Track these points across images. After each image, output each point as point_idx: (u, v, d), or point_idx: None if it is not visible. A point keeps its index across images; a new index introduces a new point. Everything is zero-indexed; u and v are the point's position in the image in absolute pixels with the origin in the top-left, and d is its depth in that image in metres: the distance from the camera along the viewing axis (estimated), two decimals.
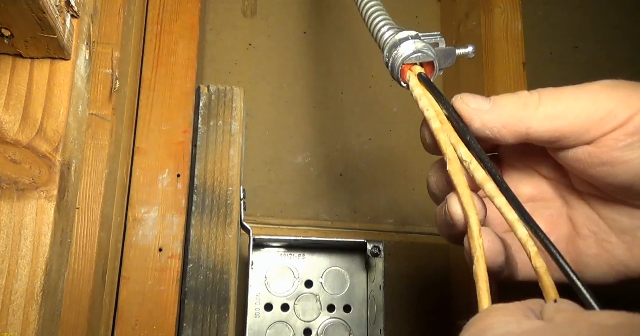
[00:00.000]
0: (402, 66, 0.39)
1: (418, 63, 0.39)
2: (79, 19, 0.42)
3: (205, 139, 0.63)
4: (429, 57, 0.38)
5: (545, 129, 0.34)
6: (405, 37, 0.39)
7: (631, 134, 0.33)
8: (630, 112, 0.33)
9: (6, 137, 0.39)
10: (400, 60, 0.39)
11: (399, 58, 0.39)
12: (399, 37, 0.39)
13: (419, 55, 0.38)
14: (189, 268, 0.58)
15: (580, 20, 1.01)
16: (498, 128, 0.35)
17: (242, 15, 0.91)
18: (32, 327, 0.37)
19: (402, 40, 0.39)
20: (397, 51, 0.39)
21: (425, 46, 0.38)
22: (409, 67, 0.39)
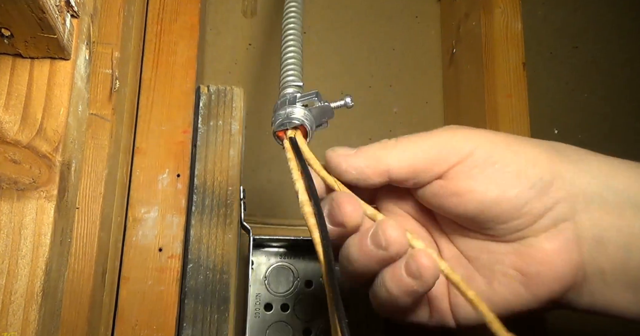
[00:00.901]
0: (276, 132, 0.44)
1: (290, 128, 0.44)
2: (79, 19, 0.42)
3: (205, 139, 0.63)
4: (298, 122, 0.43)
5: (401, 165, 0.38)
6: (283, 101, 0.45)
7: (473, 167, 0.38)
8: (471, 147, 0.39)
9: (6, 137, 0.39)
10: (274, 127, 0.44)
11: (274, 125, 0.44)
12: (280, 102, 0.45)
13: (287, 122, 0.43)
14: (189, 268, 0.58)
15: (580, 20, 1.01)
16: (362, 168, 0.39)
17: (242, 15, 0.91)
18: (32, 327, 0.37)
19: (281, 105, 0.44)
20: (274, 117, 0.44)
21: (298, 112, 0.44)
22: (284, 132, 0.44)
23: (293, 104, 0.44)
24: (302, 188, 0.41)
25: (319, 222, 0.38)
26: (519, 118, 0.77)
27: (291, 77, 0.48)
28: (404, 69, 0.93)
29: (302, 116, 0.44)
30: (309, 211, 0.39)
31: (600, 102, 0.98)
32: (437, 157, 0.39)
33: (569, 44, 1.00)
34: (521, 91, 0.78)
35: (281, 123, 0.44)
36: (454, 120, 0.88)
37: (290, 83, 0.47)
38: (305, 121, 0.44)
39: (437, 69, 0.94)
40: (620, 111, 0.98)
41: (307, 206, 0.40)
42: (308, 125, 0.44)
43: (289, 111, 0.44)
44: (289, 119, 0.44)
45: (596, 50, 1.00)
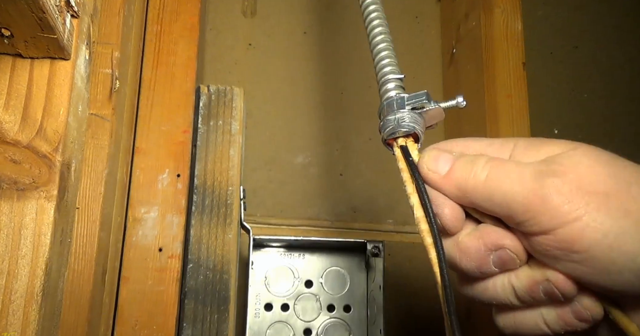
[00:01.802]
0: (386, 140, 0.41)
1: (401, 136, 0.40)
2: (79, 19, 0.42)
3: (205, 139, 0.63)
4: (410, 129, 0.40)
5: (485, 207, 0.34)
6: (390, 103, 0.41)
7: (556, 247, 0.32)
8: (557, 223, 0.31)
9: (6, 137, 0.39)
10: (384, 135, 0.41)
11: (383, 132, 0.41)
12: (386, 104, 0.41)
13: (401, 130, 0.40)
14: (189, 268, 0.58)
15: (580, 20, 1.01)
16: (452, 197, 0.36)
17: (242, 15, 0.91)
18: (32, 327, 0.37)
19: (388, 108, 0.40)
20: (383, 123, 0.41)
21: (408, 117, 0.40)
22: (394, 140, 0.41)
23: (402, 107, 0.40)
24: (418, 203, 0.37)
25: (435, 241, 0.35)
26: (519, 118, 0.77)
27: (389, 68, 0.43)
28: (404, 69, 0.93)
29: (414, 122, 0.40)
30: (425, 228, 0.36)
31: (600, 102, 0.98)
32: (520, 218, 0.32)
33: (569, 44, 1.00)
34: (521, 91, 0.78)
35: (392, 130, 0.40)
36: (454, 120, 0.88)
37: (389, 76, 0.43)
38: (416, 127, 0.40)
39: (437, 69, 0.94)
40: (620, 111, 0.98)
41: (423, 223, 0.36)
42: (420, 131, 0.40)
43: (399, 116, 0.40)
44: (400, 127, 0.40)
45: (596, 50, 1.00)
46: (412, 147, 0.40)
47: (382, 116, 0.41)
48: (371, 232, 0.85)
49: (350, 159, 0.88)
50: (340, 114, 0.89)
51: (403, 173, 0.39)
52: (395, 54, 0.45)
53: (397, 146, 0.40)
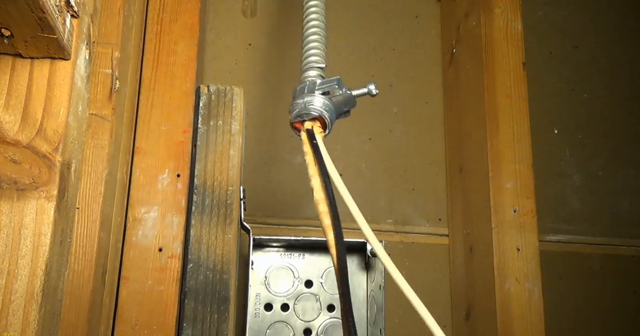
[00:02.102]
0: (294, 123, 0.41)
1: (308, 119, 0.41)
2: (79, 19, 0.42)
3: (205, 139, 0.63)
4: (316, 113, 0.40)
5: None
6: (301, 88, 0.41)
7: None
8: None
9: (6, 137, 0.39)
10: (290, 117, 0.41)
11: (290, 114, 0.41)
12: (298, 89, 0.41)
13: (306, 113, 0.40)
14: (189, 268, 0.58)
15: (580, 20, 1.01)
16: None
17: (242, 15, 0.91)
18: (32, 327, 0.37)
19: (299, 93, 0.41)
20: (292, 106, 0.41)
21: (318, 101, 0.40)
22: (301, 123, 0.41)
23: (312, 92, 0.41)
24: (318, 185, 0.38)
25: (333, 223, 0.36)
26: (519, 118, 0.78)
27: (314, 58, 0.43)
28: (404, 69, 0.93)
29: (321, 106, 0.40)
30: (324, 210, 0.37)
31: (600, 102, 0.98)
32: None
33: (569, 44, 1.00)
34: (521, 91, 0.78)
35: (299, 113, 0.41)
36: (454, 120, 0.88)
37: (312, 64, 0.43)
38: (324, 111, 0.40)
39: (437, 69, 0.94)
40: (620, 111, 0.98)
41: (322, 204, 0.37)
42: (327, 116, 0.41)
43: (307, 99, 0.40)
44: (307, 110, 0.40)
45: (596, 50, 1.00)
46: (317, 130, 0.40)
47: (293, 99, 0.42)
48: None
49: (349, 159, 0.88)
50: None
51: (307, 156, 0.40)
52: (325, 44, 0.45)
53: (303, 129, 0.41)
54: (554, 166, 0.94)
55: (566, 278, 0.89)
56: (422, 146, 0.90)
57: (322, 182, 0.37)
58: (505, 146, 0.76)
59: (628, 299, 0.90)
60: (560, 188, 0.93)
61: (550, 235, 0.90)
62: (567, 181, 0.94)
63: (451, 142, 0.89)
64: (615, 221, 0.93)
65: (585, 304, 0.88)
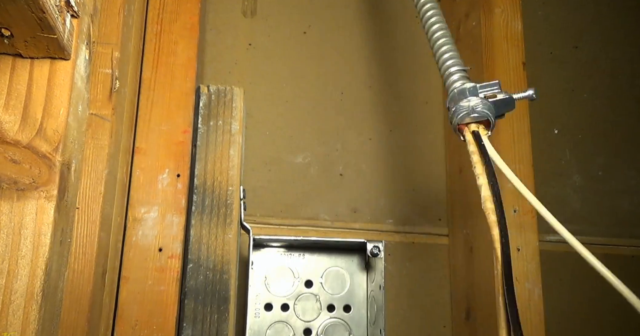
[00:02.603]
0: (459, 124, 0.43)
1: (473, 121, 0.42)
2: (79, 19, 0.42)
3: (205, 139, 0.63)
4: (482, 116, 0.42)
5: None
6: (462, 91, 0.42)
7: None
8: None
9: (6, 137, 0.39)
10: (456, 120, 0.42)
11: (455, 117, 0.42)
12: (458, 91, 0.42)
13: (474, 115, 0.42)
14: (189, 268, 0.58)
15: (580, 20, 1.01)
16: None
17: (242, 15, 0.91)
18: (32, 327, 0.37)
19: (460, 95, 0.42)
20: (455, 109, 0.42)
21: (481, 104, 0.41)
22: (466, 125, 0.43)
23: (475, 95, 0.42)
24: (486, 184, 0.40)
25: (499, 220, 0.37)
26: (519, 118, 0.78)
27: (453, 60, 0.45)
28: (404, 69, 0.93)
29: (487, 109, 0.42)
30: (491, 207, 0.39)
31: (600, 102, 0.98)
32: None
33: (569, 44, 1.00)
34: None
35: (465, 116, 0.42)
36: None
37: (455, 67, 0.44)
38: (489, 114, 0.42)
39: (437, 69, 0.94)
40: (620, 111, 0.98)
41: (489, 202, 0.39)
42: (492, 119, 0.42)
43: (473, 103, 0.42)
44: (474, 113, 0.42)
45: (596, 50, 1.00)
46: (482, 132, 0.42)
47: (454, 102, 0.43)
48: (371, 232, 0.85)
49: (350, 159, 0.88)
50: (340, 114, 0.89)
51: (473, 156, 0.41)
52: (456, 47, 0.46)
53: (468, 131, 0.42)
54: (554, 166, 0.94)
55: (566, 278, 0.89)
56: (422, 146, 0.90)
57: (489, 181, 0.40)
58: (505, 146, 0.76)
59: None
60: (560, 188, 0.93)
61: (550, 235, 0.90)
62: (567, 181, 0.94)
63: (451, 143, 0.89)
64: (615, 221, 0.93)
65: (585, 304, 0.88)
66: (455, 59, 0.45)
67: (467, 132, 0.42)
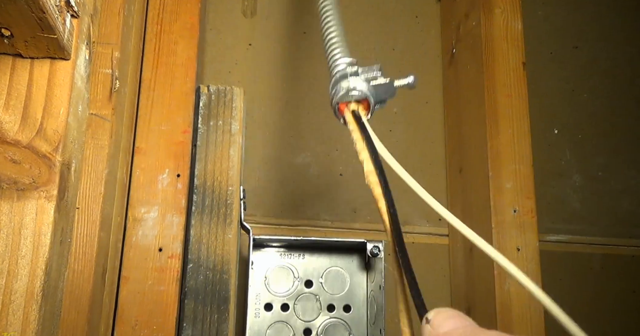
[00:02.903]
0: (339, 103, 0.42)
1: (353, 100, 0.42)
2: (79, 19, 0.42)
3: (205, 139, 0.63)
4: (362, 95, 0.41)
5: None
6: (344, 74, 0.42)
7: None
8: None
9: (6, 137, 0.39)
10: (336, 98, 0.42)
11: (335, 97, 0.42)
12: (340, 74, 0.42)
13: (354, 93, 0.41)
14: (189, 268, 0.58)
15: (580, 20, 1.01)
16: None
17: (242, 15, 0.91)
18: (32, 327, 0.37)
19: (342, 77, 0.42)
20: (335, 89, 0.42)
21: (362, 84, 0.41)
22: (345, 105, 0.42)
23: (356, 76, 0.42)
24: (367, 158, 0.40)
25: (384, 192, 0.38)
26: (519, 118, 0.78)
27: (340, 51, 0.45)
28: (404, 69, 0.93)
29: (367, 89, 0.41)
30: (375, 180, 0.39)
31: (600, 102, 0.98)
32: None
33: (569, 44, 1.00)
34: (521, 91, 0.78)
35: (344, 95, 0.41)
36: (454, 120, 0.88)
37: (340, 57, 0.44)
38: (369, 95, 0.41)
39: (437, 69, 0.94)
40: (620, 111, 0.98)
41: (372, 175, 0.39)
42: (372, 100, 0.42)
43: (352, 84, 0.41)
44: (354, 90, 0.41)
45: (596, 50, 1.00)
46: (362, 112, 0.42)
47: (335, 83, 0.42)
48: (371, 232, 0.85)
49: (350, 159, 0.88)
50: None
51: (354, 134, 0.41)
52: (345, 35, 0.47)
53: (348, 111, 0.42)
54: (554, 166, 0.94)
55: (566, 278, 0.89)
56: (422, 146, 0.90)
57: (371, 155, 0.39)
58: (505, 146, 0.76)
59: (628, 299, 0.90)
60: (560, 188, 0.93)
61: (550, 235, 0.90)
62: (567, 181, 0.94)
63: (451, 142, 0.89)
64: (615, 221, 0.93)
65: (585, 304, 0.88)
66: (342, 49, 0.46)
67: (346, 112, 0.42)
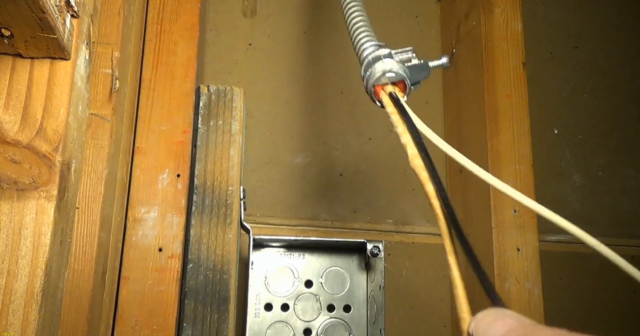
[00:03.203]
0: (375, 86, 0.41)
1: (389, 82, 0.41)
2: (79, 19, 0.42)
3: (205, 139, 0.63)
4: (399, 76, 0.40)
5: None
6: (377, 56, 0.41)
7: None
8: None
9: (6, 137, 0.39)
10: (372, 81, 0.41)
11: (371, 79, 0.41)
12: (373, 57, 0.41)
13: (390, 75, 0.40)
14: (189, 268, 0.58)
15: (580, 20, 1.01)
16: None
17: (242, 15, 0.91)
18: (32, 327, 0.37)
19: (375, 60, 0.41)
20: (370, 72, 0.41)
21: (397, 65, 0.40)
22: (382, 87, 0.41)
23: (390, 58, 0.41)
24: (411, 142, 0.38)
25: (431, 175, 0.35)
26: (519, 118, 0.78)
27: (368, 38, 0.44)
28: None
29: (403, 71, 0.41)
30: (420, 164, 0.37)
31: (600, 102, 0.98)
32: None
33: (569, 44, 1.00)
34: (521, 91, 0.78)
35: (380, 77, 0.41)
36: (454, 120, 0.88)
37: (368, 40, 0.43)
38: (405, 76, 0.41)
39: (437, 69, 0.94)
40: (620, 111, 0.98)
41: (417, 158, 0.37)
42: (409, 81, 0.41)
43: (387, 67, 0.41)
44: (390, 72, 0.41)
45: (596, 50, 1.00)
46: (400, 94, 0.41)
47: (368, 67, 0.41)
48: (371, 232, 0.85)
49: (350, 159, 0.88)
50: (340, 114, 0.89)
51: (393, 116, 0.40)
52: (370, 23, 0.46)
53: (385, 93, 0.41)
54: (554, 166, 0.94)
55: (566, 278, 0.89)
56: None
57: (413, 137, 0.37)
58: (505, 146, 0.76)
59: (628, 299, 0.90)
60: (560, 188, 0.93)
61: (550, 235, 0.90)
62: (567, 181, 0.94)
63: (451, 143, 0.89)
64: (615, 221, 0.93)
65: (585, 304, 0.88)
66: (368, 32, 0.45)
67: (383, 95, 0.41)
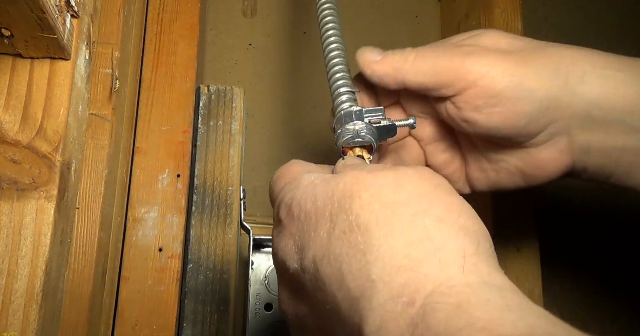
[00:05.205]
0: (343, 147, 0.45)
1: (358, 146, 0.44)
2: (79, 19, 0.42)
3: (205, 139, 0.63)
4: (367, 141, 0.44)
5: (414, 81, 0.44)
6: (349, 113, 0.44)
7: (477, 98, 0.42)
8: (475, 77, 0.41)
9: (6, 137, 0.39)
10: (341, 141, 0.44)
11: (340, 139, 0.44)
12: (345, 113, 0.44)
13: (358, 140, 0.43)
14: (189, 268, 0.58)
15: (580, 20, 1.01)
16: (382, 76, 0.45)
17: (242, 15, 0.91)
18: (32, 327, 0.37)
19: (347, 118, 0.44)
20: (341, 131, 0.44)
21: (366, 129, 0.43)
22: (350, 149, 0.44)
23: (361, 119, 0.44)
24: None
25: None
26: None
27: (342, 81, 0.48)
28: None
29: (371, 134, 0.44)
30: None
31: None
32: (445, 82, 0.42)
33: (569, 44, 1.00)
34: None
35: (350, 140, 0.44)
36: None
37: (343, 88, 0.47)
38: (373, 140, 0.44)
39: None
40: None
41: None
42: (375, 145, 0.44)
43: (358, 127, 0.44)
44: (358, 137, 0.43)
45: None
46: (366, 156, 0.44)
47: (340, 124, 0.44)
48: None
49: None
50: None
51: None
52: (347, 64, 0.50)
53: (353, 154, 0.44)
54: None
55: (566, 278, 0.89)
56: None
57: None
58: None
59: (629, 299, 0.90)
60: (560, 188, 0.93)
61: None
62: (567, 180, 0.94)
63: None
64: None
65: (585, 304, 0.88)
66: (345, 80, 0.48)
67: (350, 156, 0.45)
